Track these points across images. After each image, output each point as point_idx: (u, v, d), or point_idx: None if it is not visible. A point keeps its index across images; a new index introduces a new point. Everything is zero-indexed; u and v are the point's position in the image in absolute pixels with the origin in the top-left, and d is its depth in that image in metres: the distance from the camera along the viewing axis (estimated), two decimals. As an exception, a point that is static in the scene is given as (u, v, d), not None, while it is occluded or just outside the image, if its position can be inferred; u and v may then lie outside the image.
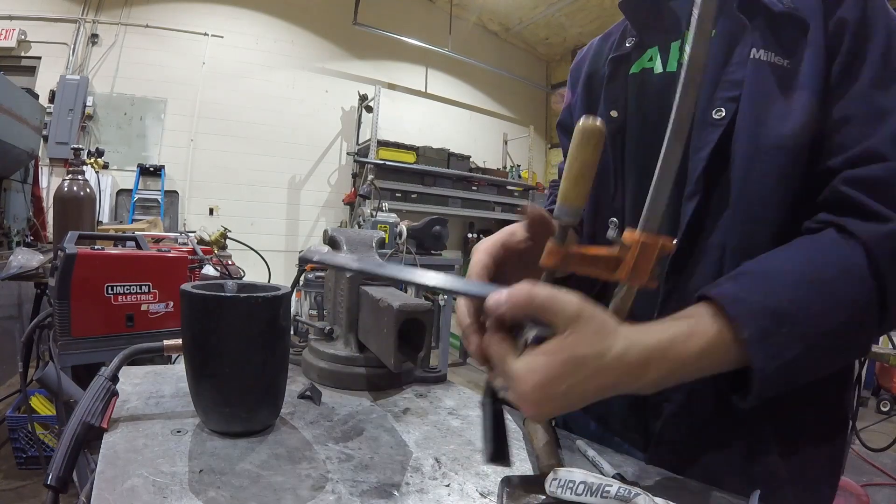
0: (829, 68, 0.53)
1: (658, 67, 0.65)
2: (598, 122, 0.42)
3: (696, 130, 0.57)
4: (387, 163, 6.82)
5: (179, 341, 0.60)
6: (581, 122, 0.42)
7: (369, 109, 7.16)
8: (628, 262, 0.42)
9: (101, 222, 3.59)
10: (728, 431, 0.59)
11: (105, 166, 5.27)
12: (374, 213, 3.61)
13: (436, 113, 8.33)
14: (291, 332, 0.65)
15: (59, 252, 1.32)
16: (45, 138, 5.21)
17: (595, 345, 0.40)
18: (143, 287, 1.35)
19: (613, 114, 0.67)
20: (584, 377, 0.40)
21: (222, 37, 6.53)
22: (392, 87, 7.71)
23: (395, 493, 0.47)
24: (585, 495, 0.40)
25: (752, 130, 0.55)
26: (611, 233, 0.67)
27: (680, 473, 0.57)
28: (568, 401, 0.41)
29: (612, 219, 0.68)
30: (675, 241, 0.45)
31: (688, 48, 0.43)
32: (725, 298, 0.45)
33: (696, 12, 0.43)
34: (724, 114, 0.56)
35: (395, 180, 6.94)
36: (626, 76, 0.68)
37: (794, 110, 0.53)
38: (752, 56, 0.55)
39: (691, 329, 0.44)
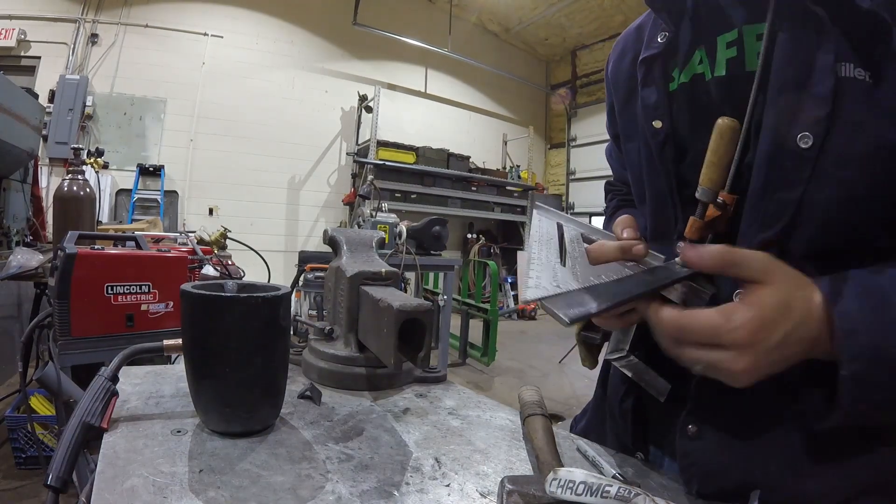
0: None
1: (708, 72, 0.55)
2: (732, 120, 0.48)
3: (772, 155, 0.48)
4: (386, 163, 6.83)
5: (179, 341, 0.60)
6: (719, 121, 0.48)
7: (369, 110, 7.17)
8: None
9: (101, 222, 3.59)
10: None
11: (105, 166, 5.27)
12: (373, 213, 3.60)
13: (435, 113, 8.34)
14: (291, 332, 0.65)
15: (59, 252, 1.32)
16: (45, 138, 5.22)
17: (799, 289, 0.41)
18: (143, 287, 1.35)
19: (657, 124, 0.57)
20: (794, 324, 0.40)
21: (222, 37, 6.53)
22: (392, 87, 7.72)
23: (395, 493, 0.47)
24: (585, 495, 0.40)
25: (847, 166, 0.45)
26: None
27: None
28: (781, 353, 0.40)
29: (679, 244, 0.52)
30: None
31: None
32: (844, 322, 0.41)
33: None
34: (811, 142, 0.45)
35: (394, 180, 6.95)
36: (661, 78, 0.58)
37: (886, 138, 0.44)
38: (841, 74, 0.44)
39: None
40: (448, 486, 0.50)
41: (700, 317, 0.42)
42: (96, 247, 1.37)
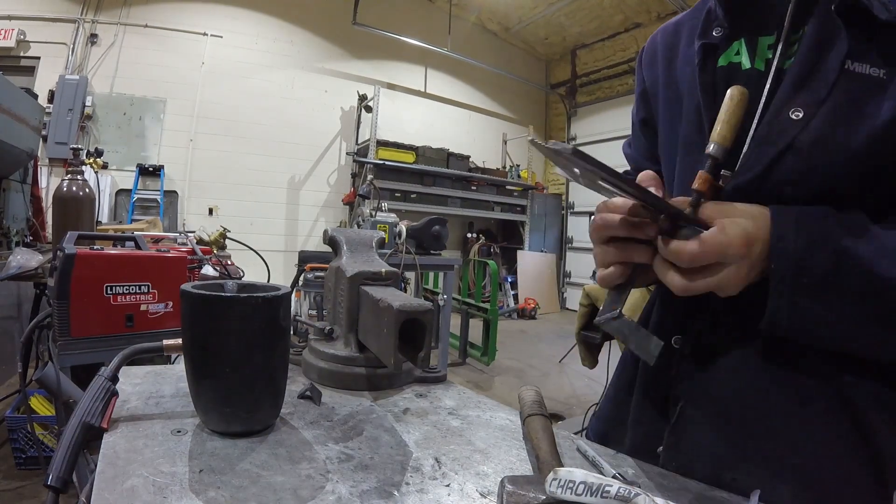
0: None
1: (746, 63, 0.63)
2: (741, 89, 0.56)
3: (763, 124, 0.57)
4: (386, 163, 6.83)
5: (179, 341, 0.60)
6: (730, 90, 0.56)
7: (369, 109, 7.16)
8: None
9: (101, 222, 3.58)
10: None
11: (104, 166, 5.28)
12: (373, 213, 3.60)
13: (435, 113, 8.33)
14: (291, 332, 0.65)
15: (59, 252, 1.32)
16: (45, 138, 5.21)
17: (760, 214, 0.52)
18: (143, 287, 1.35)
19: (701, 97, 0.65)
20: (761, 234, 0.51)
21: (221, 37, 6.53)
22: (391, 87, 7.71)
23: (395, 493, 0.47)
24: (585, 495, 0.40)
25: (835, 141, 0.54)
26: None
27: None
28: (755, 256, 0.50)
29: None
30: None
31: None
32: (777, 228, 0.51)
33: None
34: (801, 115, 0.55)
35: (394, 180, 6.95)
36: (714, 66, 0.66)
37: (883, 119, 0.52)
38: (846, 67, 0.53)
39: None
40: (448, 486, 0.50)
41: (708, 237, 0.50)
42: (96, 247, 1.37)
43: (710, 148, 0.55)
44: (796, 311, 0.50)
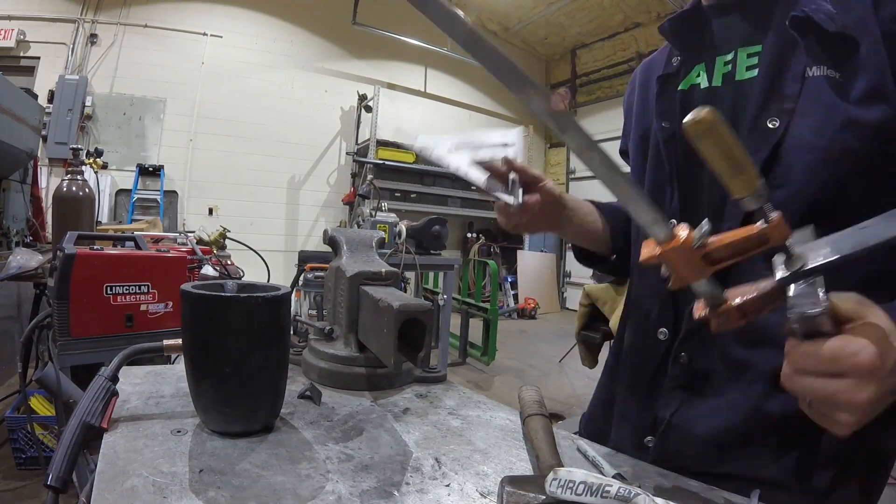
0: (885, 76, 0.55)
1: (704, 83, 0.70)
2: (700, 114, 0.42)
3: (744, 137, 0.61)
4: (386, 162, 6.82)
5: (179, 341, 0.60)
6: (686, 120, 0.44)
7: (368, 109, 7.16)
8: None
9: (100, 222, 3.59)
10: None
11: (104, 166, 5.27)
12: (373, 212, 3.60)
13: (435, 112, 8.32)
14: (291, 332, 0.65)
15: (59, 252, 1.32)
16: (44, 138, 5.20)
17: (888, 323, 0.41)
18: (143, 287, 1.35)
19: (665, 125, 0.72)
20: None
21: (221, 37, 6.52)
22: (391, 86, 7.70)
23: (395, 493, 0.47)
24: (585, 495, 0.40)
25: (810, 141, 0.58)
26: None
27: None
28: (890, 383, 0.40)
29: (671, 220, 0.63)
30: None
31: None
32: None
33: None
34: (777, 123, 0.59)
35: (394, 180, 6.94)
36: (675, 91, 0.73)
37: (854, 118, 0.56)
38: (807, 74, 0.59)
39: None
40: (448, 486, 0.50)
41: (822, 344, 0.41)
42: (96, 247, 1.37)
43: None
44: None
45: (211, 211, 6.48)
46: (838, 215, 0.51)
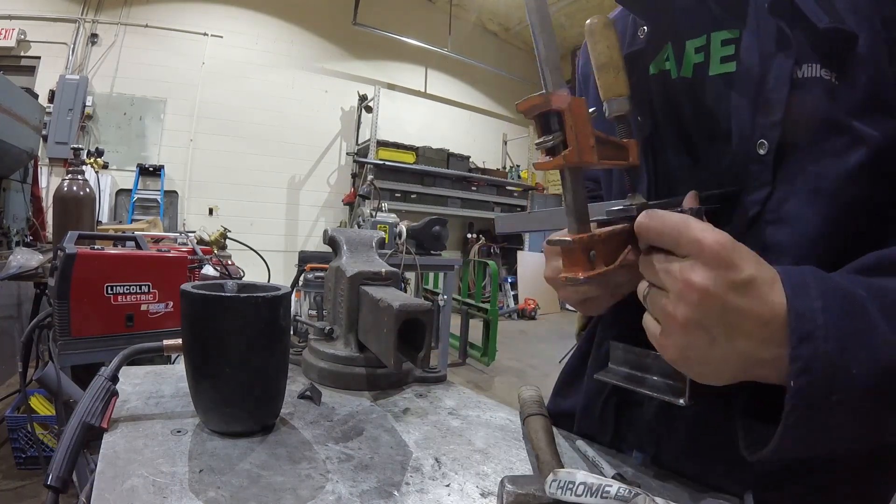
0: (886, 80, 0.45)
1: (674, 71, 0.59)
2: (594, 19, 0.49)
3: (738, 162, 0.51)
4: (386, 163, 6.83)
5: (179, 341, 0.60)
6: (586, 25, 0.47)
7: (369, 109, 7.16)
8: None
9: (101, 222, 3.58)
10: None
11: (104, 166, 5.28)
12: (373, 213, 3.60)
13: (435, 113, 8.33)
14: (291, 332, 0.65)
15: (59, 252, 1.32)
16: (45, 138, 5.21)
17: (762, 266, 0.39)
18: (143, 287, 1.35)
19: (639, 118, 0.59)
20: (749, 305, 0.37)
21: (222, 37, 6.53)
22: (392, 87, 7.71)
23: (395, 493, 0.47)
24: (585, 496, 0.40)
25: (807, 170, 0.48)
26: None
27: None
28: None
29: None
30: None
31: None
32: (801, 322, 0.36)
33: None
34: (766, 148, 0.49)
35: (394, 180, 6.95)
36: (646, 75, 0.60)
37: (858, 139, 0.46)
38: (797, 75, 0.48)
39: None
40: (448, 486, 0.50)
41: (668, 216, 0.41)
42: (96, 247, 1.37)
43: (607, 108, 0.52)
44: (812, 434, 0.38)
45: (211, 211, 6.48)
46: (841, 249, 0.46)
